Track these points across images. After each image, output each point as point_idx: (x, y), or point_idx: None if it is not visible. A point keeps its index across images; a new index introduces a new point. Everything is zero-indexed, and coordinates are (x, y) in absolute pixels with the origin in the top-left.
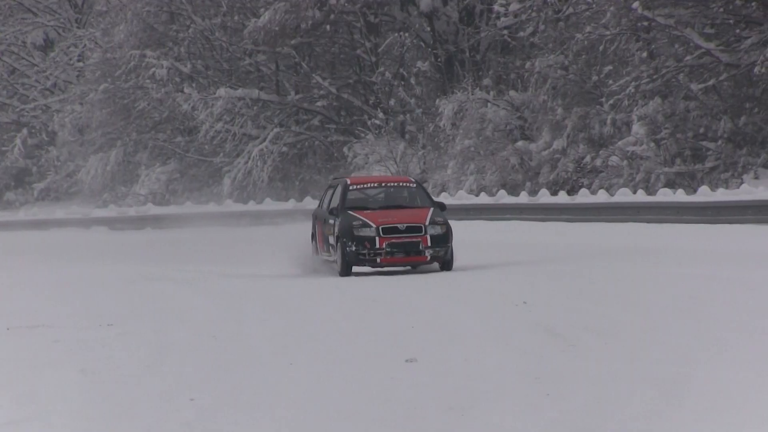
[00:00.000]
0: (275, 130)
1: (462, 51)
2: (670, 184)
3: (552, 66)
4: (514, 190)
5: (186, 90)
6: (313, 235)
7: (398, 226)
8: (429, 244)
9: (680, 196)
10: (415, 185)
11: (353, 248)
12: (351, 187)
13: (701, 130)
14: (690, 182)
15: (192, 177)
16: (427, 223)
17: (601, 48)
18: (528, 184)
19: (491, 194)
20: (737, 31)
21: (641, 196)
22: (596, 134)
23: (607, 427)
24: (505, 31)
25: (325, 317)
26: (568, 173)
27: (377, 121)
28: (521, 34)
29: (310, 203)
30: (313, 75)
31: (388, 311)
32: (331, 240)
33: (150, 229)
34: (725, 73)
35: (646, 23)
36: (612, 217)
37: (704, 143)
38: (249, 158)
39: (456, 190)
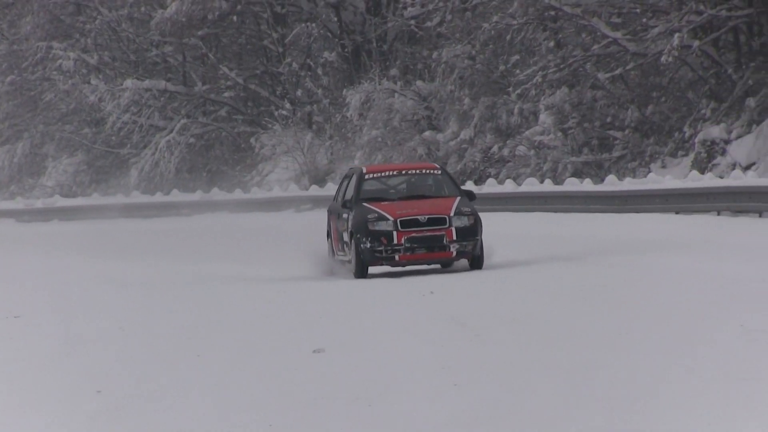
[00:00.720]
0: (182, 121)
1: (369, 41)
2: (578, 174)
3: (459, 56)
4: None
5: (93, 81)
6: (329, 233)
7: (419, 218)
8: (455, 237)
9: (587, 185)
10: (440, 172)
11: (368, 245)
12: (367, 176)
13: (608, 120)
14: (597, 171)
15: (99, 168)
16: (452, 214)
17: (508, 38)
18: None
19: None
20: (644, 20)
21: (549, 186)
22: (503, 124)
23: (515, 416)
24: (412, 21)
25: (233, 308)
26: (476, 163)
27: (284, 112)
28: (428, 24)
29: (218, 194)
30: (220, 66)
31: (297, 301)
32: (346, 237)
33: (57, 221)
34: (632, 62)
35: (552, 13)
36: (519, 207)
37: (611, 132)
38: (156, 149)
39: None
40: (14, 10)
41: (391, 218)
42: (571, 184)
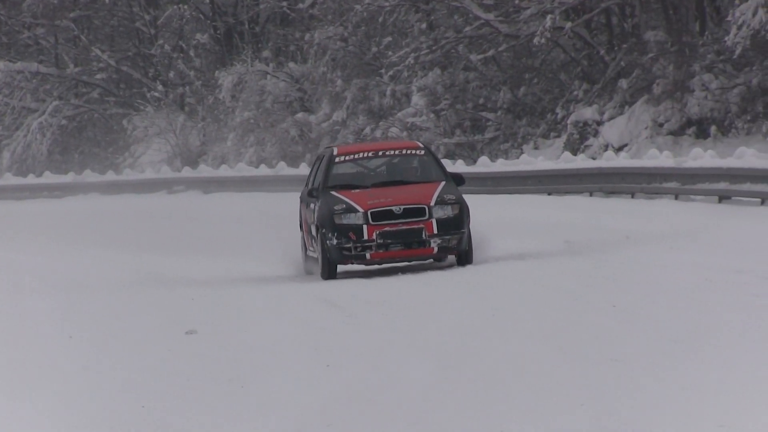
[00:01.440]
0: (54, 103)
1: (241, 23)
2: (450, 155)
3: (331, 38)
4: (294, 162)
5: None
6: (301, 225)
7: (393, 209)
8: (435, 231)
9: (460, 166)
10: (423, 152)
11: (334, 241)
12: (338, 159)
13: (481, 101)
14: (470, 153)
15: None
16: (432, 203)
17: (380, 19)
18: (308, 155)
19: (271, 166)
20: (516, 1)
21: None
22: (376, 105)
23: (385, 398)
24: (284, 3)
25: (105, 291)
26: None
27: (156, 94)
28: (300, 5)
29: (90, 176)
30: (93, 48)
31: (168, 283)
32: (314, 231)
33: None
34: (504, 43)
35: None
36: None
37: (484, 114)
38: (28, 131)
39: (236, 162)
40: None
41: (360, 210)
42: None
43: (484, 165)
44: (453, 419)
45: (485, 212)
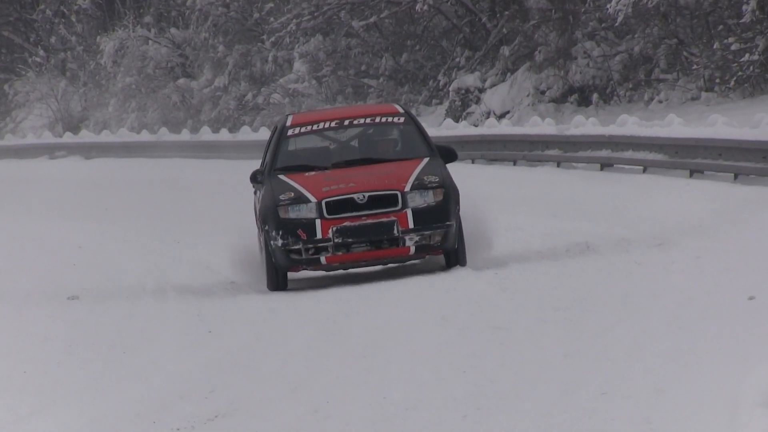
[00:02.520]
0: None
1: None
2: None
3: (213, 3)
4: (176, 128)
5: None
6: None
7: (355, 197)
8: (412, 224)
9: None
10: (403, 119)
11: (279, 242)
12: (291, 131)
13: (363, 68)
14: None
15: None
16: (407, 187)
17: None
18: (190, 121)
19: (153, 132)
20: None
21: None
22: (258, 72)
23: (267, 364)
24: None
25: None
26: (230, 110)
27: (38, 59)
28: None
29: None
30: None
31: (49, 248)
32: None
33: None
34: (387, 10)
35: None
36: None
37: (366, 81)
38: None
39: (118, 127)
40: None
41: (312, 199)
42: None
43: None
44: (332, 385)
45: None
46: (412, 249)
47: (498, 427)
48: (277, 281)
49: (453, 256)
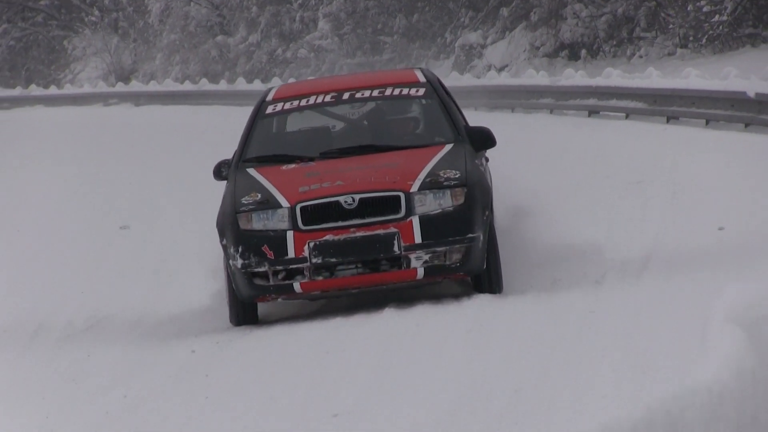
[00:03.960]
0: (3, 26)
1: None
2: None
3: None
4: (214, 79)
5: None
6: None
7: (341, 199)
8: (419, 238)
9: None
10: (423, 90)
11: (239, 262)
12: (270, 108)
13: (379, 26)
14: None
15: None
16: (414, 187)
17: None
18: (227, 73)
19: (194, 82)
20: None
21: None
22: (287, 30)
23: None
24: None
25: (45, 188)
26: (262, 64)
27: (93, 18)
28: None
29: (35, 90)
30: None
31: (104, 184)
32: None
33: None
34: None
35: None
36: None
37: (382, 38)
38: None
39: (163, 78)
40: None
41: (284, 203)
42: None
43: None
44: None
45: None
46: (420, 272)
47: None
48: (243, 314)
49: (484, 280)
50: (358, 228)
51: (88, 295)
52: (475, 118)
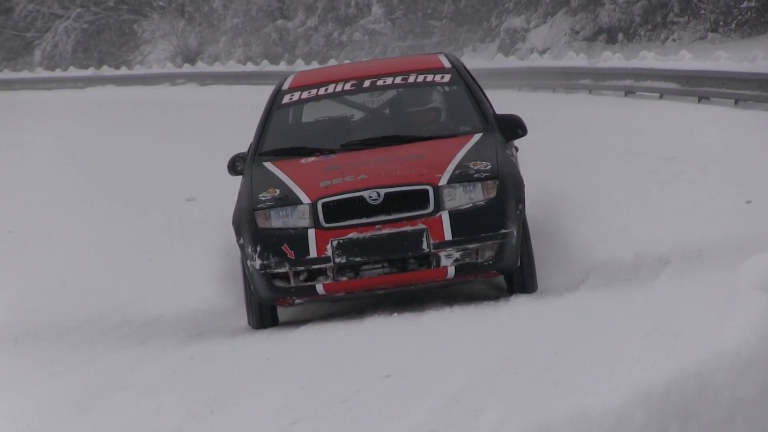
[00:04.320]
0: (77, 10)
1: None
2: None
3: None
4: (275, 61)
5: None
6: None
7: (365, 194)
8: (449, 235)
9: None
10: (449, 76)
11: (257, 262)
12: (287, 98)
13: (429, 11)
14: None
15: (9, 49)
16: (443, 181)
17: None
18: (286, 55)
19: (256, 63)
20: None
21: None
22: (342, 14)
23: None
24: None
25: (116, 159)
26: (320, 46)
27: (161, 3)
28: None
29: (107, 71)
30: None
31: (169, 159)
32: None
33: None
34: None
35: None
36: None
37: (431, 22)
38: (56, 33)
39: (227, 60)
40: None
41: (305, 199)
42: None
43: None
44: None
45: None
46: (451, 271)
47: None
48: (261, 317)
49: (518, 278)
50: (383, 225)
51: (158, 264)
52: (518, 97)
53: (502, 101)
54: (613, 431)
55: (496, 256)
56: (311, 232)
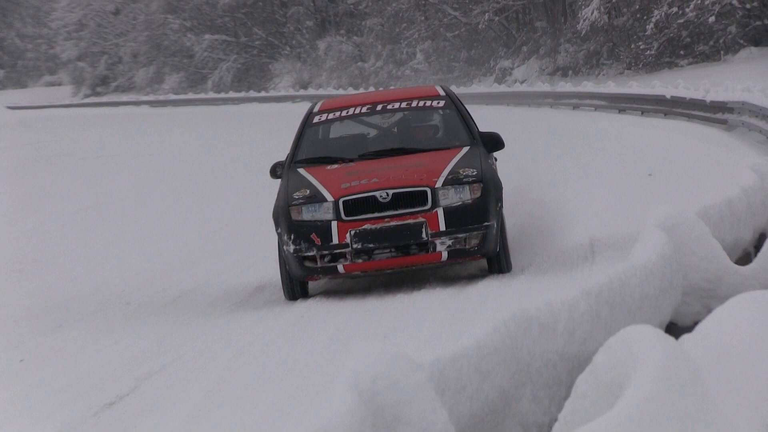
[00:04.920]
0: (234, 56)
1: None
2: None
3: (376, 20)
4: (356, 87)
5: (190, 35)
6: None
7: (377, 194)
8: (444, 226)
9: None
10: (443, 102)
11: (291, 247)
12: (317, 118)
13: (452, 57)
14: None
15: (192, 81)
16: (439, 183)
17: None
18: (363, 84)
19: (345, 89)
20: (469, 4)
21: None
22: (398, 59)
23: None
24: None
25: (260, 156)
26: (384, 79)
27: (286, 52)
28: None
29: (253, 93)
30: (254, 29)
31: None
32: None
33: (172, 107)
34: (464, 27)
35: None
36: None
37: (453, 63)
38: (221, 70)
39: (327, 87)
40: None
41: (329, 197)
42: None
43: (455, 89)
44: None
45: None
46: (445, 255)
47: None
48: (293, 290)
49: (495, 261)
50: (391, 218)
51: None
52: (507, 110)
53: (497, 113)
54: (567, 314)
55: (480, 243)
56: (334, 224)
